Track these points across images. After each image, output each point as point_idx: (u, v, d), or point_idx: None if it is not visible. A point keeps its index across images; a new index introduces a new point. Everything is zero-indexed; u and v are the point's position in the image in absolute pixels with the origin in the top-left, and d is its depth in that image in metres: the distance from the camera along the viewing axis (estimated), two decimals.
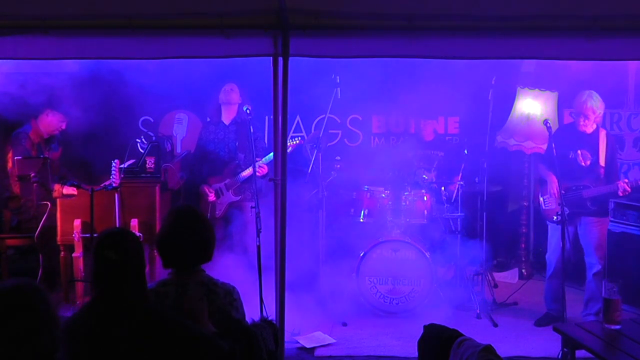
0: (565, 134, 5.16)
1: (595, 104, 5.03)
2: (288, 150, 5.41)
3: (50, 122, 5.65)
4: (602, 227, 5.16)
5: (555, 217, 5.15)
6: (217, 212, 5.68)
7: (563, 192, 4.93)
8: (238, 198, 5.64)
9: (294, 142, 5.62)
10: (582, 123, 5.09)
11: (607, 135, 5.22)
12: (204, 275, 2.92)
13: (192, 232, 2.89)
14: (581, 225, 5.13)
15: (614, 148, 5.22)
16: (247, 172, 5.54)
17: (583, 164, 5.11)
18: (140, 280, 2.57)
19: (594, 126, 5.13)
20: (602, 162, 5.12)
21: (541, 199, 5.31)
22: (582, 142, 5.14)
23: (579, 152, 5.12)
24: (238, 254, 5.36)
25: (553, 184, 5.15)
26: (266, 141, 6.12)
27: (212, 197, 5.66)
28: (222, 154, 5.73)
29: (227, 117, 5.75)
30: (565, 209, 4.99)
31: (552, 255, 5.25)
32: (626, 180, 5.05)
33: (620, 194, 5.04)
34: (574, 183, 5.09)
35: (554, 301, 5.20)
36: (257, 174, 5.33)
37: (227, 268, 5.00)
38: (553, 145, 4.94)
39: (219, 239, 5.43)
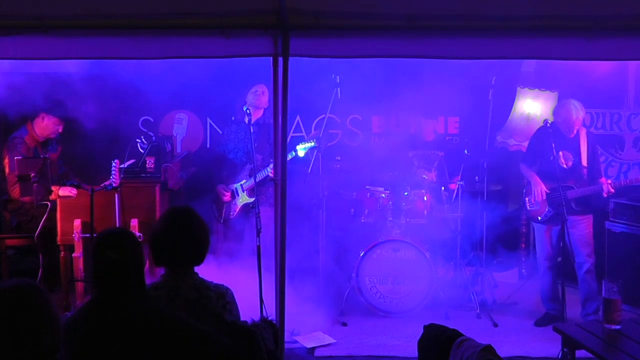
0: (547, 134, 5.14)
1: (580, 114, 5.07)
2: (302, 154, 5.41)
3: (46, 125, 5.61)
4: (587, 225, 5.17)
5: (539, 218, 5.17)
6: (231, 213, 5.66)
7: (549, 192, 4.93)
8: (252, 199, 5.58)
9: (310, 144, 5.52)
10: (566, 130, 5.11)
11: (588, 134, 5.25)
12: (196, 278, 2.88)
13: (184, 232, 2.86)
14: (566, 224, 5.13)
15: (594, 147, 5.25)
16: (263, 174, 5.45)
17: (565, 165, 5.11)
18: (140, 280, 2.57)
19: (575, 130, 5.16)
20: (584, 162, 5.14)
21: (526, 199, 5.32)
22: (564, 143, 5.15)
23: (560, 153, 5.12)
24: (250, 256, 5.34)
25: (537, 186, 5.16)
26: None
27: (227, 197, 5.64)
28: (241, 154, 5.71)
29: (251, 118, 5.69)
30: (550, 209, 5.01)
31: (540, 255, 5.28)
32: (609, 181, 5.06)
33: (605, 195, 5.06)
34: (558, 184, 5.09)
35: (551, 300, 5.21)
36: (271, 175, 5.30)
37: (239, 269, 5.02)
38: (553, 145, 4.94)
39: (232, 239, 5.47)
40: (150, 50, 3.82)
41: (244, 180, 5.63)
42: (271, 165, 5.29)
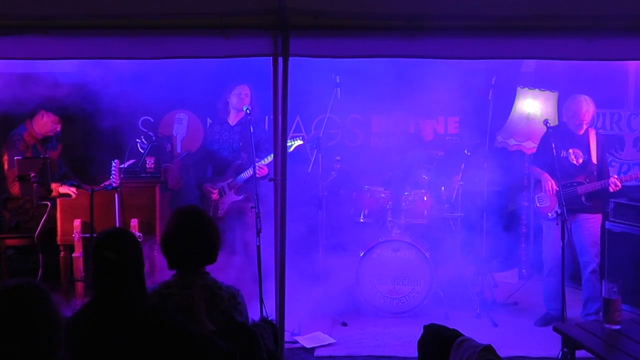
0: (556, 133, 5.14)
1: (591, 109, 5.10)
2: (290, 150, 5.43)
3: (45, 123, 5.62)
4: (596, 224, 5.19)
5: (550, 215, 5.17)
6: (219, 212, 5.66)
7: (559, 189, 4.94)
8: (240, 198, 5.63)
9: (298, 143, 5.54)
10: (577, 125, 5.12)
11: (597, 134, 5.28)
12: (208, 278, 2.89)
13: (197, 233, 2.87)
14: (576, 222, 5.14)
15: (604, 146, 5.29)
16: (249, 172, 5.49)
17: (575, 162, 5.14)
18: (139, 280, 2.57)
19: (585, 127, 5.17)
20: (594, 160, 5.16)
21: (535, 197, 5.32)
22: (573, 141, 5.18)
23: (570, 151, 5.15)
24: (239, 254, 5.36)
25: (548, 182, 5.17)
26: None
27: (215, 195, 5.65)
28: (226, 153, 5.71)
29: (233, 118, 5.73)
30: (560, 207, 5.01)
31: (548, 253, 5.27)
32: (615, 176, 5.11)
33: (611, 190, 5.08)
34: (568, 180, 5.10)
35: (553, 300, 5.20)
36: (257, 174, 5.32)
37: (228, 267, 5.01)
38: (553, 145, 4.94)
39: (222, 237, 5.46)
40: (150, 50, 3.82)
41: (231, 179, 5.64)
42: (258, 164, 5.32)
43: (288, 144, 5.43)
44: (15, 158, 5.23)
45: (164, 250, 2.90)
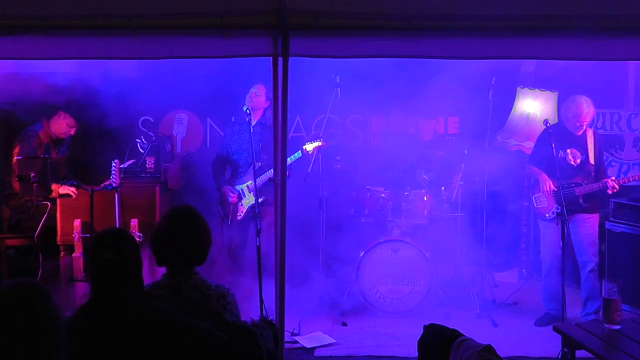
0: (554, 133, 5.15)
1: (591, 111, 5.10)
2: (310, 152, 5.41)
3: (61, 124, 5.63)
4: (594, 224, 5.19)
5: (548, 215, 5.17)
6: (238, 215, 5.57)
7: (557, 189, 4.95)
8: (260, 201, 5.51)
9: (317, 144, 5.48)
10: (577, 126, 5.12)
11: (595, 134, 5.28)
12: (198, 278, 2.88)
13: (186, 231, 2.86)
14: (573, 222, 5.13)
15: (601, 147, 5.29)
16: (269, 173, 5.33)
17: (573, 163, 5.15)
18: (137, 280, 2.56)
19: (584, 128, 5.18)
20: (591, 160, 5.17)
21: (533, 197, 5.32)
22: (571, 141, 5.19)
23: (568, 151, 5.15)
24: (255, 257, 5.33)
25: (545, 182, 5.17)
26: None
27: (234, 198, 5.58)
28: (245, 155, 5.59)
29: (252, 118, 5.65)
30: (557, 207, 5.02)
31: (547, 253, 5.27)
32: (613, 178, 5.12)
33: (610, 192, 5.09)
34: (566, 181, 5.10)
35: (552, 300, 5.21)
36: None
37: (244, 270, 5.00)
38: (553, 145, 4.95)
39: (239, 240, 5.44)
40: (150, 50, 3.82)
41: (250, 181, 5.58)
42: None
43: (307, 146, 5.42)
44: (15, 158, 5.23)
45: (152, 246, 2.88)
